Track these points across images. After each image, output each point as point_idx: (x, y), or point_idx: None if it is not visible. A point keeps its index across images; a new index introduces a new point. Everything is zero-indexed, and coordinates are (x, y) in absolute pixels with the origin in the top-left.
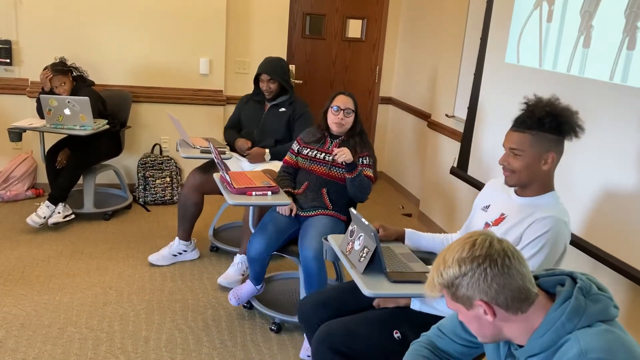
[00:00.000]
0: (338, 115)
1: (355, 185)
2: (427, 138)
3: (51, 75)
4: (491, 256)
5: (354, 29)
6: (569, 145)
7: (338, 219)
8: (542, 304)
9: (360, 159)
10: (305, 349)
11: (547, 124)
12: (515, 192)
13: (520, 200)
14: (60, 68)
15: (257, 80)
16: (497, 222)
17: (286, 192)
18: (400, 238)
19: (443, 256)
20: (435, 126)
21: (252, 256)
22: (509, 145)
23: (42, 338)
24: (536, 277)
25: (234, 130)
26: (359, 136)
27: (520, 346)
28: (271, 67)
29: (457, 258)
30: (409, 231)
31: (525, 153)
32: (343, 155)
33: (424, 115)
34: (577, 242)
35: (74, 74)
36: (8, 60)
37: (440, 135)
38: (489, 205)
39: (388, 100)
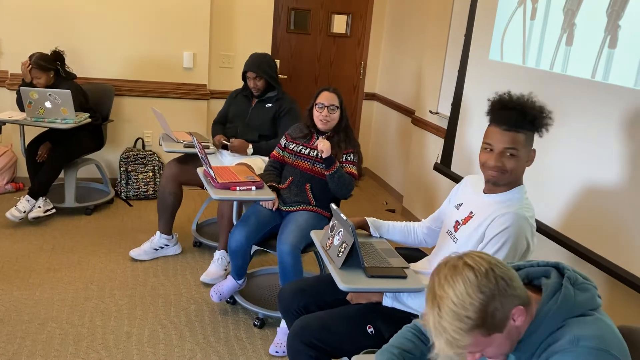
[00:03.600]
0: (322, 112)
1: (334, 181)
2: (411, 134)
3: (31, 67)
4: (490, 262)
5: (339, 24)
6: (549, 141)
7: (321, 214)
8: (534, 295)
9: (345, 156)
10: (275, 344)
11: (537, 125)
12: (484, 189)
13: (486, 198)
14: (39, 62)
15: (244, 77)
16: (466, 221)
17: (270, 186)
18: (364, 227)
19: (449, 301)
20: (419, 122)
21: (233, 248)
22: (504, 145)
23: (22, 334)
24: (520, 268)
25: (220, 124)
26: (345, 132)
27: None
28: (257, 64)
29: (473, 288)
30: (370, 220)
31: (520, 153)
32: (321, 144)
33: (408, 112)
34: (556, 237)
35: (56, 68)
36: None
37: (424, 131)
38: (462, 204)
39: (372, 96)
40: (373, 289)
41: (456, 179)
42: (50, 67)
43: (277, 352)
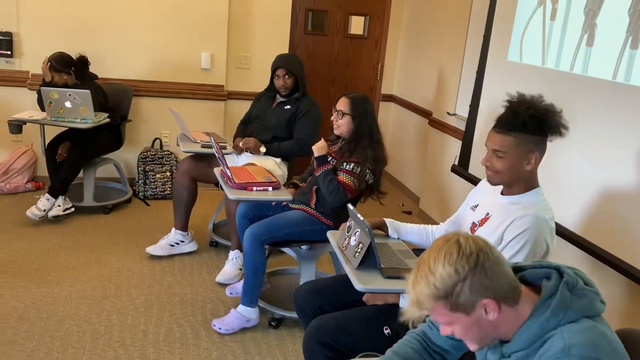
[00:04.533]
0: (332, 117)
1: (323, 184)
2: (428, 136)
3: (50, 65)
4: (481, 249)
5: (357, 25)
6: (569, 143)
7: (316, 219)
8: (529, 296)
9: (345, 164)
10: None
11: (531, 127)
12: (501, 191)
13: (504, 200)
14: (55, 65)
15: (273, 75)
16: (482, 222)
17: (292, 183)
18: (382, 228)
19: (427, 267)
20: (436, 124)
21: (237, 220)
22: (492, 146)
23: (40, 330)
24: (523, 269)
25: (244, 125)
26: (356, 142)
27: (505, 341)
28: (289, 61)
29: (450, 263)
30: (389, 221)
31: (508, 155)
32: (316, 146)
33: (425, 113)
34: (576, 240)
35: (69, 71)
36: (9, 52)
37: (441, 133)
38: (478, 205)
39: (390, 98)
40: (389, 289)
41: (474, 181)
42: (63, 69)
43: (220, 329)
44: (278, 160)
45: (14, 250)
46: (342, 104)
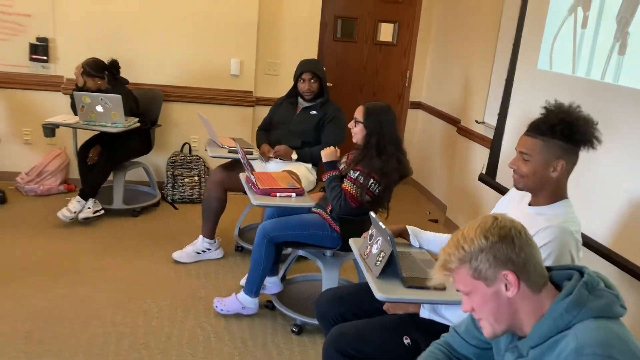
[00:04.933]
0: (350, 124)
1: (328, 190)
2: (456, 144)
3: (83, 71)
4: (515, 227)
5: (386, 32)
6: (599, 152)
7: (328, 224)
8: (551, 293)
9: (351, 172)
10: (222, 302)
11: (559, 132)
12: (529, 202)
13: (530, 210)
14: (86, 69)
15: (297, 79)
16: None
17: (323, 187)
18: (403, 236)
19: (461, 233)
20: (464, 132)
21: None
22: (520, 148)
23: (67, 331)
24: (549, 269)
25: (265, 131)
26: (366, 151)
27: (521, 338)
28: (314, 65)
29: (481, 230)
30: (411, 228)
31: (534, 158)
32: (325, 152)
33: (453, 121)
34: (605, 253)
35: (102, 76)
36: (45, 58)
37: (469, 141)
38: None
39: (418, 105)
40: (410, 299)
41: (501, 190)
42: (97, 74)
43: (216, 306)
44: (309, 166)
45: (44, 251)
46: (358, 112)
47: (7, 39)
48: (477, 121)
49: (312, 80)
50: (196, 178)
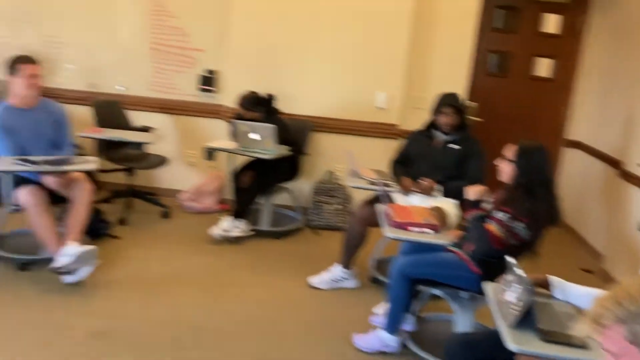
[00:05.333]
0: (496, 160)
1: (470, 227)
2: (615, 188)
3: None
4: None
5: (542, 67)
6: None
7: (465, 265)
8: None
9: (498, 212)
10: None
11: None
12: None
13: None
14: (243, 103)
15: (437, 113)
16: None
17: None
18: (544, 286)
19: (623, 288)
20: (627, 175)
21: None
22: None
23: (211, 343)
24: None
25: (401, 164)
26: (514, 192)
27: None
28: (456, 99)
29: None
30: (554, 279)
31: None
32: (473, 190)
33: (613, 162)
34: None
35: (256, 110)
36: (212, 88)
37: (631, 186)
38: None
39: (576, 145)
40: (546, 354)
41: None
42: (251, 109)
43: (362, 346)
44: (455, 201)
45: (194, 264)
46: (510, 150)
47: (182, 71)
48: (638, 165)
49: (455, 114)
50: (339, 206)
